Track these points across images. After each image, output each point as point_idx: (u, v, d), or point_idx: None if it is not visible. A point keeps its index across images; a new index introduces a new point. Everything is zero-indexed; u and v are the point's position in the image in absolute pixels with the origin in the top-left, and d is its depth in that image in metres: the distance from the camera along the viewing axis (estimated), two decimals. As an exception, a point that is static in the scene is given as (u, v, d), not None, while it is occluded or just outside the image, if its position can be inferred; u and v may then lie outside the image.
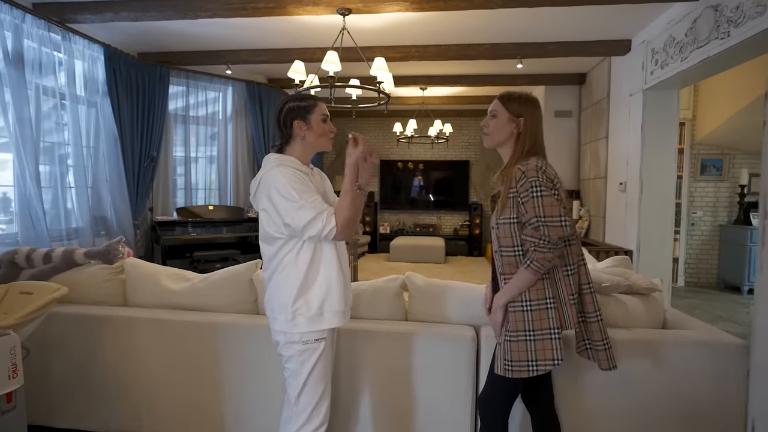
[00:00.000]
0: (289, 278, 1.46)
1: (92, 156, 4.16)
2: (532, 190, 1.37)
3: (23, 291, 1.53)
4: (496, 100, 1.53)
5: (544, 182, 1.37)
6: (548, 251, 1.35)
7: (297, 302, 1.45)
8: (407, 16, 3.79)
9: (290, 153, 1.52)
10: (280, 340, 1.49)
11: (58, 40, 3.81)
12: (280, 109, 1.52)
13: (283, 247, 1.47)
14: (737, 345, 1.70)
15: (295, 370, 1.46)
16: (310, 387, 1.46)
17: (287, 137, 1.52)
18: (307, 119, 1.50)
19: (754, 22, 2.70)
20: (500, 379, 1.44)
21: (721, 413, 1.69)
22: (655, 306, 1.93)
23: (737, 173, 5.47)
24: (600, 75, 5.09)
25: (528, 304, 1.40)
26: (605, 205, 4.90)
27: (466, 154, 8.43)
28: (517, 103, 1.49)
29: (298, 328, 1.45)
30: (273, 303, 1.48)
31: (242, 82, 5.63)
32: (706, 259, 5.68)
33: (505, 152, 1.52)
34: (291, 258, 1.46)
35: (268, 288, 1.52)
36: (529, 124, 1.47)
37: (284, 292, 1.45)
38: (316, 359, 1.46)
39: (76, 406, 1.99)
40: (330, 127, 1.56)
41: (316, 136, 1.53)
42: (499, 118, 1.50)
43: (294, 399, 1.47)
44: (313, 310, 1.46)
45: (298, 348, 1.45)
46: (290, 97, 1.54)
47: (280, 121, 1.52)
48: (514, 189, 1.40)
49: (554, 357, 1.38)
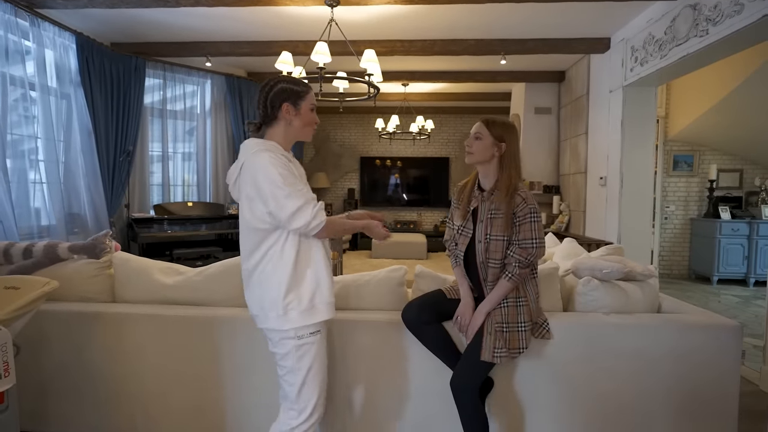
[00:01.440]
0: (277, 271, 1.39)
1: (64, 150, 3.96)
2: (531, 215, 1.60)
3: (8, 286, 1.43)
4: (481, 124, 1.67)
5: (537, 209, 1.63)
6: (526, 268, 1.62)
7: (288, 296, 1.38)
8: (395, 10, 3.77)
9: (272, 137, 1.45)
10: (273, 338, 1.43)
11: (26, 27, 3.60)
12: (270, 88, 1.43)
13: (267, 238, 1.39)
14: (732, 326, 1.77)
15: (292, 367, 1.41)
16: (311, 382, 1.42)
17: (272, 119, 1.44)
18: (298, 104, 1.44)
19: (732, 21, 2.81)
20: (484, 366, 1.62)
21: (717, 390, 1.76)
22: (652, 291, 1.98)
23: (707, 169, 5.71)
24: (579, 72, 5.21)
25: (506, 302, 1.65)
26: (585, 200, 5.03)
27: (446, 151, 8.49)
28: (500, 129, 1.65)
29: (291, 323, 1.39)
30: (263, 300, 1.40)
31: (221, 76, 5.47)
32: (679, 251, 5.92)
33: (484, 170, 1.69)
34: (277, 249, 1.39)
35: (250, 283, 1.43)
36: (510, 149, 1.65)
37: (274, 286, 1.38)
38: (315, 353, 1.42)
39: (63, 410, 1.87)
40: (316, 117, 1.51)
41: (303, 124, 1.47)
42: (484, 141, 1.65)
43: (294, 396, 1.41)
44: (305, 304, 1.40)
45: (294, 344, 1.40)
46: (282, 78, 1.46)
47: (268, 100, 1.42)
48: (512, 212, 1.61)
49: (521, 345, 1.62)
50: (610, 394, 1.78)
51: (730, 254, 5.40)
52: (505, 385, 1.80)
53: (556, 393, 1.79)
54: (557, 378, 1.78)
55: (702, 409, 1.77)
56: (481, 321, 1.66)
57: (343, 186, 8.64)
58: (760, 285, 5.32)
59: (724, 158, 5.78)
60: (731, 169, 5.80)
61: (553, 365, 1.78)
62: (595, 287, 1.87)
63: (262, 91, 1.44)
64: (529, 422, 1.80)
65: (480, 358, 1.61)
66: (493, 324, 1.64)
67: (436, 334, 1.75)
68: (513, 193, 1.62)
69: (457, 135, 8.42)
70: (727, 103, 4.78)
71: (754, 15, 2.62)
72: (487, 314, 1.65)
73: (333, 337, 1.80)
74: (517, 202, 1.61)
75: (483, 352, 1.61)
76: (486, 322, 1.65)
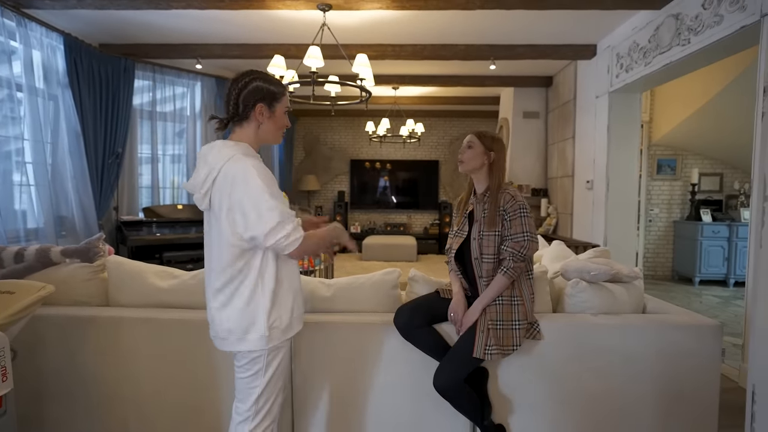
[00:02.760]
0: (258, 290, 1.31)
1: (52, 152, 3.91)
2: (520, 211, 1.72)
3: (3, 290, 1.42)
4: (473, 135, 1.83)
5: (526, 206, 1.73)
6: (521, 262, 1.70)
7: (272, 316, 1.32)
8: (386, 15, 3.81)
9: (240, 137, 1.33)
10: (244, 357, 1.34)
11: (13, 27, 3.56)
12: (244, 84, 1.31)
13: (244, 253, 1.30)
14: (712, 325, 1.84)
15: (257, 372, 1.35)
16: (272, 385, 1.38)
17: (242, 118, 1.32)
18: (273, 106, 1.34)
19: (712, 31, 2.91)
20: (469, 363, 1.69)
21: (699, 387, 1.83)
22: (637, 293, 2.04)
23: (689, 173, 5.86)
24: (566, 78, 5.32)
25: (501, 300, 1.72)
26: (572, 203, 5.13)
27: (436, 154, 8.56)
28: (489, 140, 1.81)
29: (272, 342, 1.33)
30: (243, 322, 1.30)
31: (212, 78, 5.46)
32: (662, 253, 6.06)
33: (477, 177, 1.82)
34: (255, 266, 1.30)
35: (227, 305, 1.31)
36: (498, 158, 1.80)
37: (259, 307, 1.30)
38: (280, 360, 1.39)
39: (56, 415, 1.86)
40: (288, 121, 1.41)
41: (275, 128, 1.37)
42: (475, 150, 1.80)
43: (254, 399, 1.35)
44: (285, 321, 1.36)
45: (264, 354, 1.34)
46: (258, 75, 1.34)
47: (240, 98, 1.30)
48: (501, 208, 1.73)
49: (515, 344, 1.69)
50: (597, 391, 1.83)
51: (711, 256, 5.55)
52: (493, 383, 1.84)
53: (545, 391, 1.84)
54: (546, 376, 1.83)
55: (685, 403, 1.83)
56: (476, 316, 1.71)
57: (333, 189, 8.65)
58: (739, 285, 5.48)
59: (705, 163, 5.94)
60: (712, 173, 5.96)
61: (543, 364, 1.83)
62: (583, 289, 1.92)
63: (234, 86, 1.32)
64: (518, 420, 1.85)
65: (471, 354, 1.66)
66: (487, 321, 1.69)
67: (428, 337, 1.79)
68: (497, 192, 1.77)
69: (447, 138, 8.49)
70: (707, 109, 4.93)
71: (733, 26, 2.72)
72: (482, 310, 1.71)
73: (328, 340, 1.82)
74: (507, 199, 1.74)
75: (475, 349, 1.66)
76: (480, 319, 1.71)
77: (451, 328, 1.82)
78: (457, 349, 1.72)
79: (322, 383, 1.84)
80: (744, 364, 2.72)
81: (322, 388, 1.84)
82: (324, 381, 1.84)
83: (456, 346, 1.73)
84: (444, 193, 8.57)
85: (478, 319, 1.71)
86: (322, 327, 1.83)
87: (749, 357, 0.99)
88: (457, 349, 1.72)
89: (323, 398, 1.84)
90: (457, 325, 1.76)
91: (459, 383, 1.69)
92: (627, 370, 1.83)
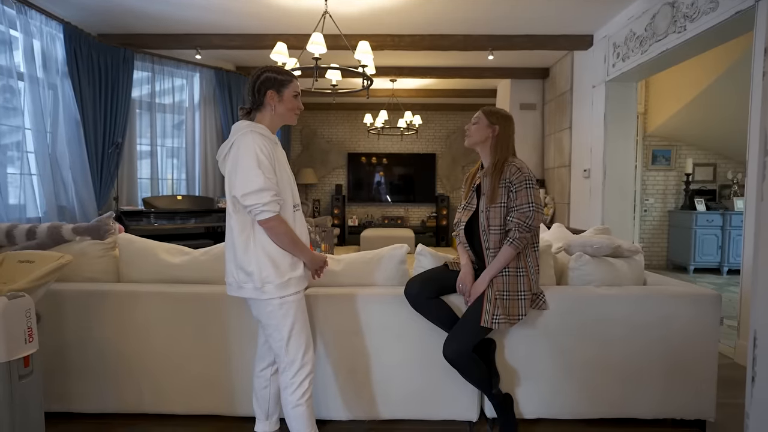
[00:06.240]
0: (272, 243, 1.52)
1: (51, 141, 3.90)
2: (526, 182, 1.75)
3: (22, 260, 1.44)
4: (480, 112, 1.88)
5: (532, 177, 1.77)
6: (527, 232, 1.73)
7: (286, 257, 1.53)
8: (386, 3, 3.84)
9: (260, 120, 1.59)
10: (261, 304, 1.53)
11: (13, 15, 3.55)
12: (257, 77, 1.58)
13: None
14: (711, 295, 1.90)
15: (277, 325, 1.53)
16: (295, 337, 1.56)
17: (258, 104, 1.59)
18: (281, 91, 1.58)
19: (708, 17, 2.98)
20: (477, 332, 1.73)
21: (699, 352, 1.89)
22: (638, 267, 2.11)
23: (683, 163, 5.96)
24: (563, 69, 5.38)
25: (507, 271, 1.76)
26: (569, 192, 5.19)
27: (433, 147, 8.60)
28: (495, 116, 1.85)
29: (289, 288, 1.52)
30: (263, 268, 1.50)
31: (211, 69, 5.46)
32: (657, 242, 6.15)
33: (482, 151, 1.87)
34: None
35: (246, 253, 1.51)
36: (502, 133, 1.83)
37: (274, 251, 1.51)
38: (295, 310, 1.55)
39: (68, 388, 1.89)
40: (299, 103, 1.63)
41: (286, 110, 1.60)
42: (479, 124, 1.85)
43: (283, 350, 1.54)
44: (300, 270, 1.56)
45: (277, 303, 1.52)
46: (269, 68, 1.61)
47: (255, 88, 1.57)
48: (507, 180, 1.76)
49: (521, 313, 1.74)
50: (600, 359, 1.89)
51: (705, 244, 5.65)
52: (500, 353, 1.89)
53: (550, 361, 1.89)
54: (551, 347, 1.88)
55: (685, 370, 1.90)
56: (484, 286, 1.76)
57: (331, 182, 8.67)
58: (733, 273, 5.58)
59: (699, 153, 6.04)
60: (706, 163, 6.06)
61: (548, 335, 1.88)
62: (586, 262, 1.98)
63: (251, 80, 1.59)
64: (523, 387, 1.90)
65: (479, 323, 1.71)
66: (494, 292, 1.74)
67: (437, 308, 1.83)
68: (502, 166, 1.79)
69: (444, 131, 8.54)
70: (700, 100, 5.01)
71: (728, 11, 2.78)
72: (489, 281, 1.75)
73: (339, 311, 1.86)
74: (512, 171, 1.77)
75: (483, 318, 1.71)
76: (487, 289, 1.75)
77: (459, 299, 1.87)
78: (466, 318, 1.77)
79: (333, 354, 1.88)
80: (740, 341, 2.79)
81: (333, 359, 1.88)
82: (335, 352, 1.88)
83: (464, 316, 1.78)
84: (441, 187, 8.62)
85: (486, 289, 1.76)
86: (333, 299, 1.87)
87: (751, 302, 1.05)
88: (466, 319, 1.76)
89: (333, 369, 1.88)
90: (465, 296, 1.81)
91: (468, 352, 1.74)
92: (629, 340, 1.88)
